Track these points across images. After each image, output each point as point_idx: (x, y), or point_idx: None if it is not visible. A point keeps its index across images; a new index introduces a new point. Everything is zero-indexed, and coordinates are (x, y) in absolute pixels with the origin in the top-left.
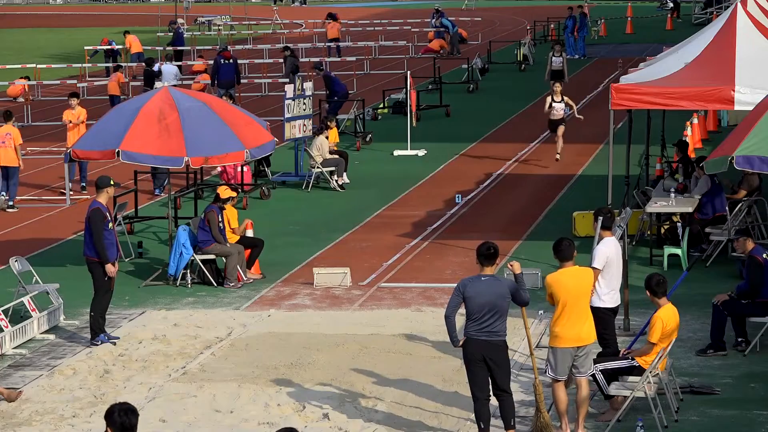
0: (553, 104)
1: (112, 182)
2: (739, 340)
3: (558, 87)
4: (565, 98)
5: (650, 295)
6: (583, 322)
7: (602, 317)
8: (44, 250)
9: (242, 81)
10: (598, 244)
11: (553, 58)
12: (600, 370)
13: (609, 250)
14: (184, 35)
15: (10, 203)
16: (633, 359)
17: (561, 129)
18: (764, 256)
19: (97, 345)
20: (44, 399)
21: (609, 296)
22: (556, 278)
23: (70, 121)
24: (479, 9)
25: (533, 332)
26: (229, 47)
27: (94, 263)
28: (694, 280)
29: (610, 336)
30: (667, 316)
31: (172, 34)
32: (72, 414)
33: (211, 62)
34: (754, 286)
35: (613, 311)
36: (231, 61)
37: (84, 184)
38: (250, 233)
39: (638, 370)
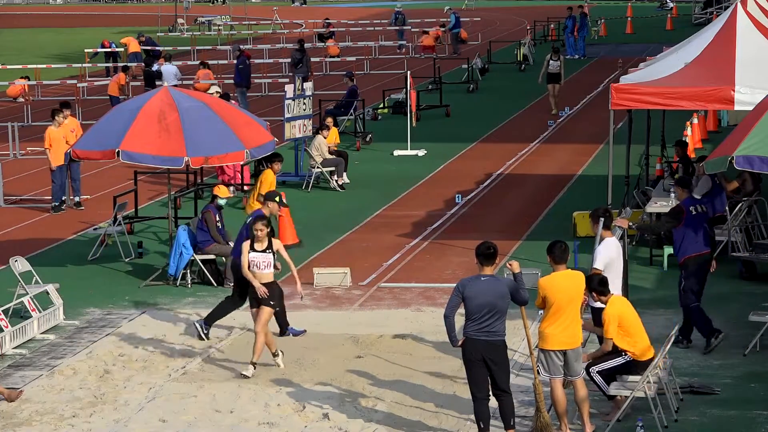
0: None
1: (277, 198)
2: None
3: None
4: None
5: (597, 295)
6: (573, 326)
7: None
8: (44, 250)
9: None
10: (599, 245)
11: (551, 61)
12: (597, 372)
13: (610, 251)
14: (156, 41)
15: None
16: (626, 354)
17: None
18: (691, 208)
19: (203, 334)
20: (44, 399)
21: None
22: (549, 281)
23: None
24: (479, 9)
25: (533, 332)
26: (242, 47)
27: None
28: None
29: None
30: (615, 311)
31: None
32: (72, 414)
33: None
34: (664, 222)
35: None
36: (249, 61)
37: (78, 199)
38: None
39: (634, 366)
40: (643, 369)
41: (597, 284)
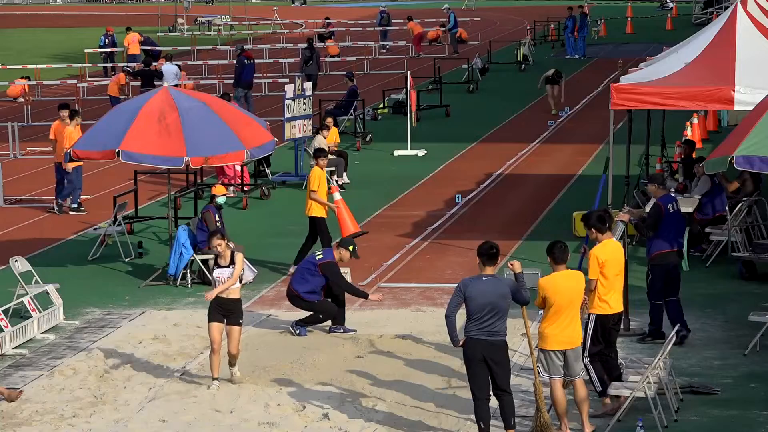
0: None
1: (351, 248)
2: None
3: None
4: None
5: (595, 231)
6: (572, 326)
7: None
8: (44, 250)
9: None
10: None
11: (548, 84)
12: (588, 357)
13: None
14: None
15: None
16: (590, 318)
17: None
18: (669, 206)
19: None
20: (44, 399)
21: None
22: (549, 281)
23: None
24: (479, 9)
25: (533, 332)
26: (245, 47)
27: (298, 299)
28: (694, 280)
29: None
30: (602, 254)
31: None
32: (72, 414)
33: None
34: (649, 226)
35: None
36: (252, 61)
37: (78, 201)
38: (337, 196)
39: (606, 321)
40: (616, 322)
41: (596, 220)
